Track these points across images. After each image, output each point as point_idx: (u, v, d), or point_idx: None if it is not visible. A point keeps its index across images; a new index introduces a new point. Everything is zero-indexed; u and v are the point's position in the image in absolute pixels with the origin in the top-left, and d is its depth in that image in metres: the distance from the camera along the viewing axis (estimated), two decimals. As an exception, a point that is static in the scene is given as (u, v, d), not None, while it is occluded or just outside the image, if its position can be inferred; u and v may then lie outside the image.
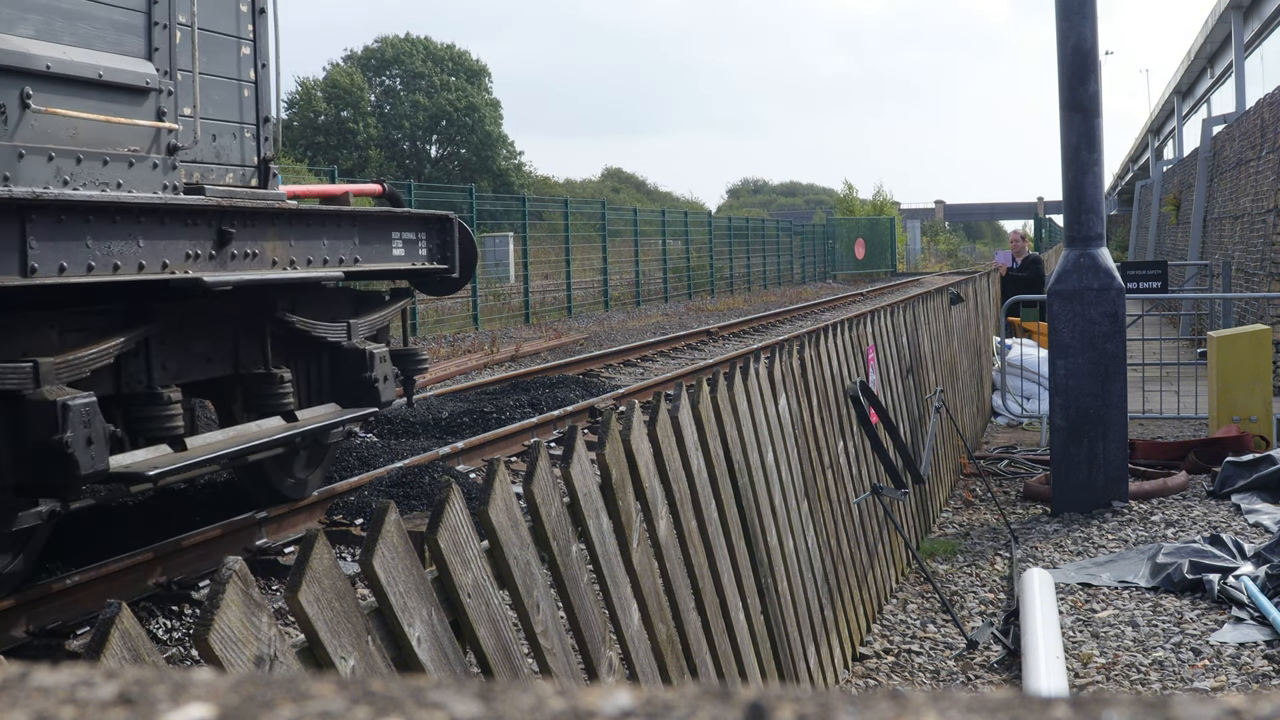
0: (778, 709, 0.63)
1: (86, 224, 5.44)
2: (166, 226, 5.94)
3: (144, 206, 5.80)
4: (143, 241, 5.77)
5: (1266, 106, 18.23)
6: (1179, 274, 20.09)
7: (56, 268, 5.26)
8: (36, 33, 5.81)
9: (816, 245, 51.54)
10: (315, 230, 7.11)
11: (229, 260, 6.34)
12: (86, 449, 5.44)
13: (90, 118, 6.06)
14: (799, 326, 23.98)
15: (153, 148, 6.53)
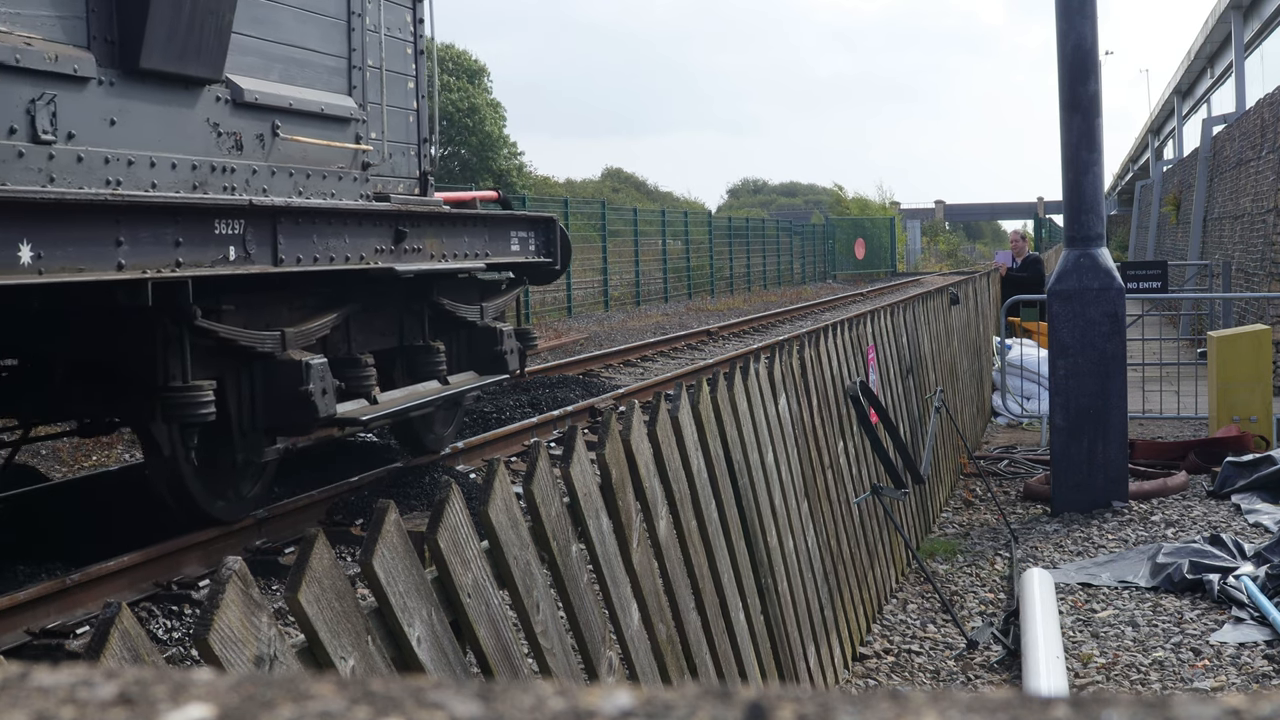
0: (778, 709, 0.63)
1: (313, 225, 6.99)
2: (363, 227, 7.51)
3: (349, 211, 7.40)
4: (348, 239, 7.34)
5: (1266, 106, 18.23)
6: (1179, 274, 20.09)
7: (295, 259, 6.80)
8: (281, 78, 7.49)
9: (816, 245, 51.53)
10: (460, 230, 8.73)
11: (404, 254, 7.91)
12: (323, 398, 7.03)
13: (315, 142, 7.76)
14: (799, 326, 23.97)
15: (353, 165, 8.21)
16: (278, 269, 6.64)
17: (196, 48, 6.55)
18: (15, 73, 5.60)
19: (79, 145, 5.95)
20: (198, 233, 6.12)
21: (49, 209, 5.27)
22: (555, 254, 10.03)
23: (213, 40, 6.65)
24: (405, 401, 8.03)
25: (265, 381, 7.03)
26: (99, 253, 5.52)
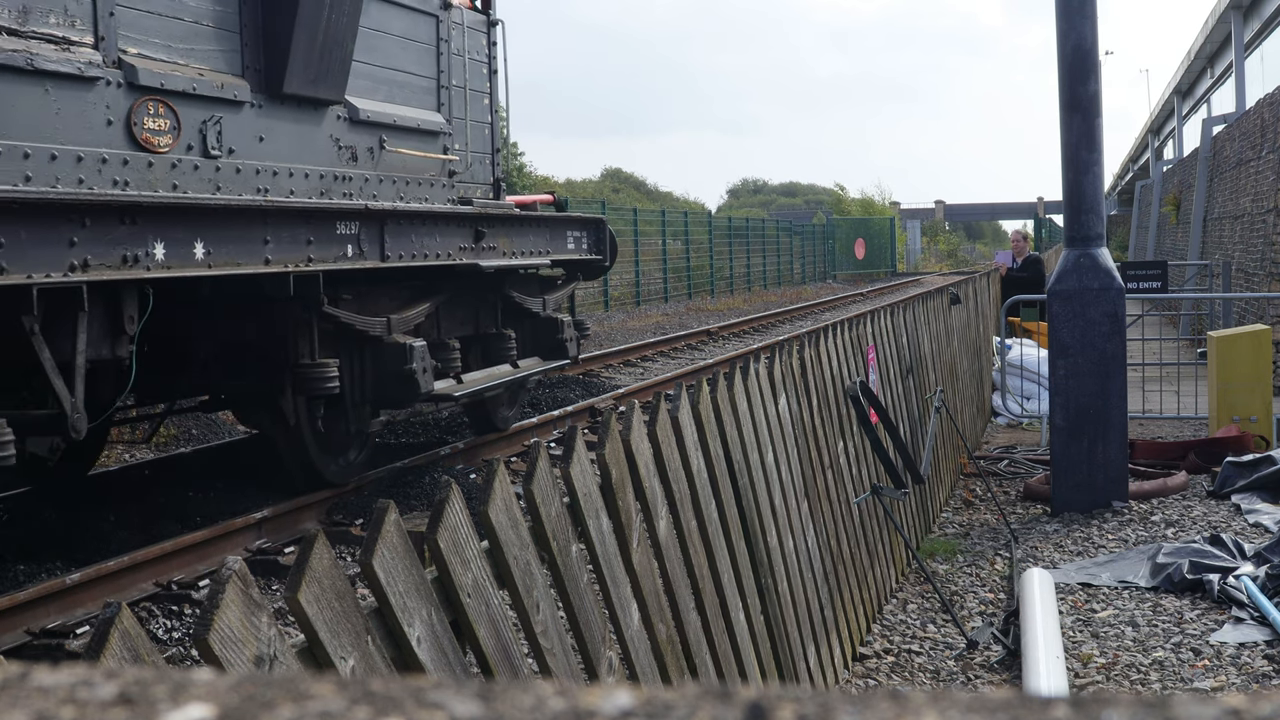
0: (778, 709, 0.63)
1: (412, 226, 8.05)
2: (450, 228, 8.56)
3: (440, 214, 8.47)
4: (439, 238, 8.39)
5: (1266, 106, 18.23)
6: (1179, 274, 20.09)
7: (398, 255, 7.89)
8: (385, 98, 8.58)
9: (816, 245, 51.52)
10: (527, 230, 9.80)
11: (482, 251, 8.96)
12: (423, 376, 8.05)
13: (413, 154, 8.84)
14: (799, 326, 23.97)
15: (441, 173, 9.27)
16: (384, 264, 7.74)
17: (325, 74, 7.65)
18: (193, 99, 6.73)
19: (237, 159, 7.07)
20: (324, 232, 7.19)
21: (217, 213, 6.33)
22: (604, 251, 11.15)
23: (337, 67, 7.76)
24: (484, 382, 9.14)
25: (374, 361, 8.09)
26: (251, 250, 6.56)
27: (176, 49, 6.68)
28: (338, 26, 7.61)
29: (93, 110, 6.12)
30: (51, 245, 5.39)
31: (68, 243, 5.47)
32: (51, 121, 5.88)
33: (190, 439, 10.90)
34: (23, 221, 5.25)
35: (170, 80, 6.55)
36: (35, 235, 5.29)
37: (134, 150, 6.34)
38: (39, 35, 5.84)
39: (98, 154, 6.11)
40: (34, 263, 5.28)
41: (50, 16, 5.90)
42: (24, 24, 5.76)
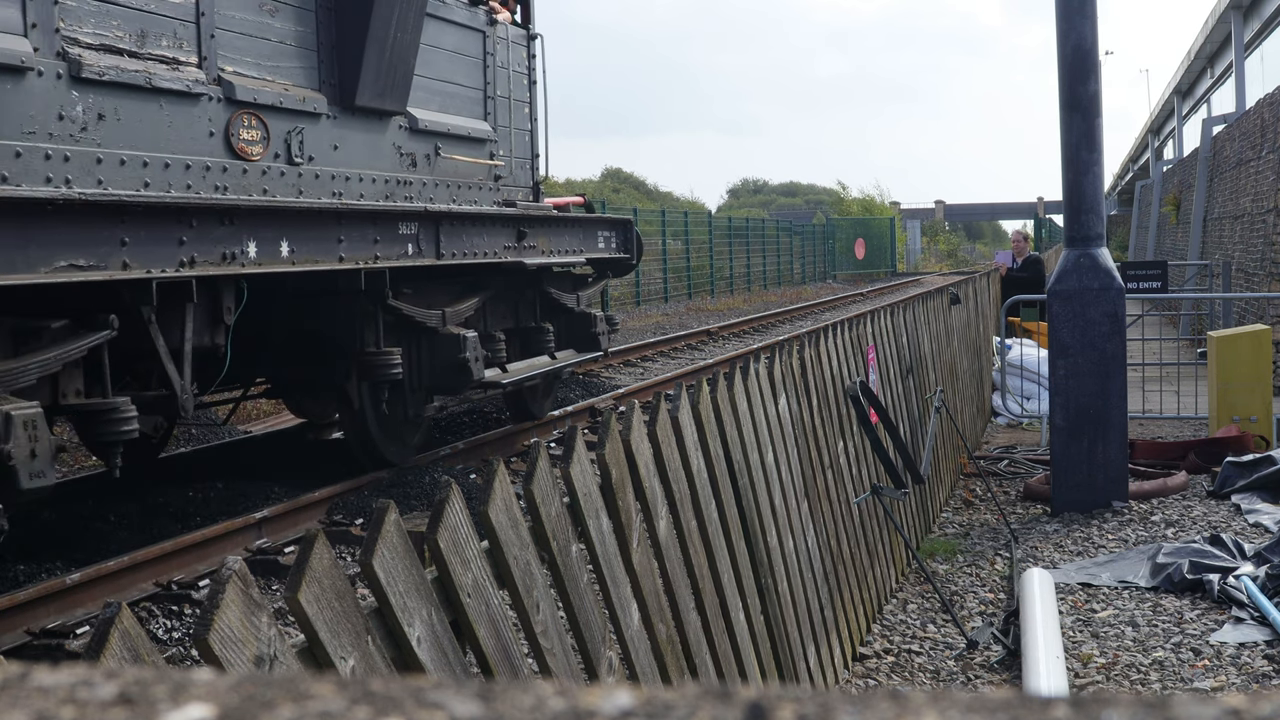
0: (778, 709, 0.63)
1: (464, 227, 8.79)
2: (496, 228, 9.31)
3: (488, 215, 9.19)
4: (486, 237, 9.12)
5: (1266, 106, 18.23)
6: (1179, 274, 20.08)
7: (451, 253, 8.62)
8: (439, 108, 9.29)
9: (816, 245, 51.50)
10: (563, 230, 10.51)
11: (524, 250, 9.67)
12: (475, 364, 8.72)
13: (464, 159, 9.57)
14: (799, 326, 23.96)
15: (488, 178, 9.97)
16: (440, 261, 8.47)
17: (391, 87, 8.33)
18: (280, 111, 7.43)
19: (315, 165, 7.77)
20: (389, 232, 7.92)
21: (299, 215, 7.06)
22: (632, 250, 11.86)
23: (401, 81, 8.44)
24: (526, 372, 9.83)
25: (431, 350, 8.73)
26: (327, 248, 7.28)
27: (265, 66, 7.42)
28: (402, 44, 8.34)
29: (197, 123, 6.84)
30: (165, 244, 6.07)
31: (178, 241, 6.15)
32: (165, 133, 6.58)
33: (190, 439, 10.90)
34: (143, 223, 5.92)
35: (261, 95, 7.26)
36: (153, 234, 5.97)
37: (231, 158, 7.04)
38: (154, 56, 6.54)
39: (202, 162, 6.82)
40: (152, 259, 5.96)
41: (162, 40, 6.62)
42: (142, 47, 6.47)
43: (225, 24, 7.06)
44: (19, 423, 5.13)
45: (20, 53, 5.68)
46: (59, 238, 5.45)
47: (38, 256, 5.33)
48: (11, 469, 5.08)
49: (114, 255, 5.73)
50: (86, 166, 6.03)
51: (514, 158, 10.56)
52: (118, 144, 6.24)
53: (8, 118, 5.64)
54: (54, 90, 5.89)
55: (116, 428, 5.90)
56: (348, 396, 8.38)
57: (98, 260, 5.64)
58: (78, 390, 5.97)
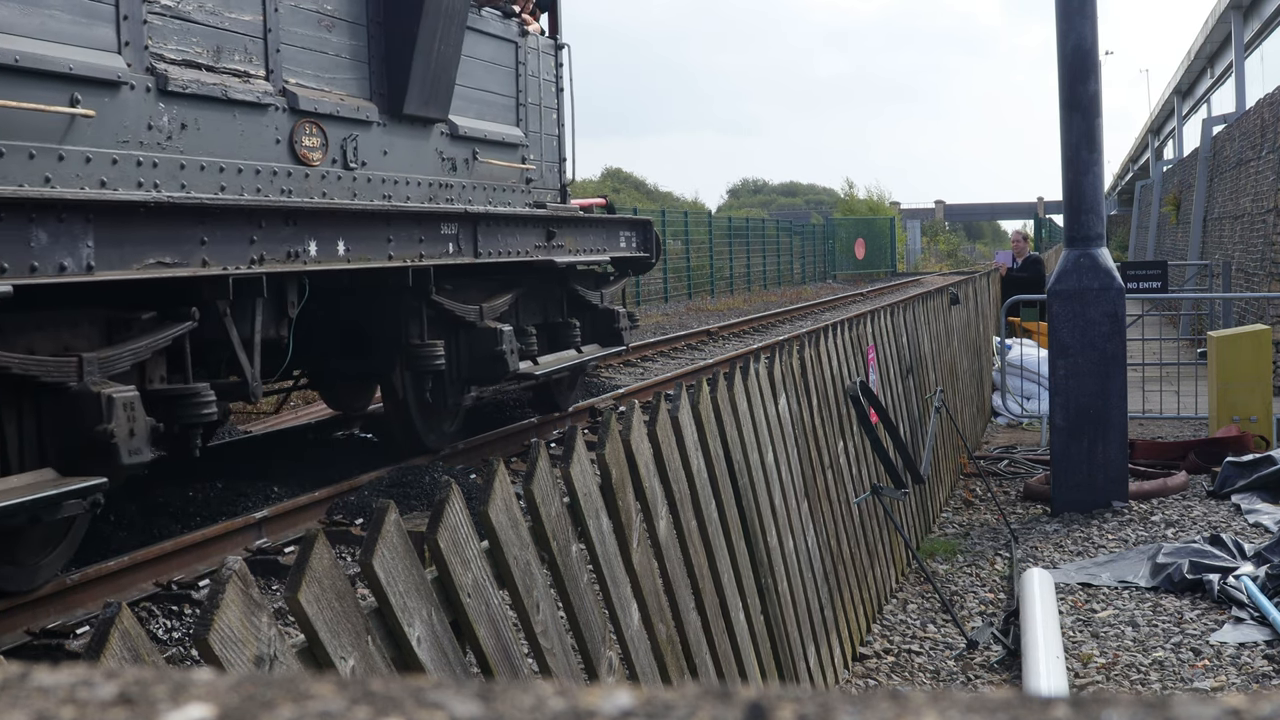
0: (778, 709, 0.63)
1: (499, 227, 9.37)
2: (528, 228, 9.88)
3: (520, 216, 9.80)
4: (519, 237, 9.68)
5: (1266, 106, 18.23)
6: (1179, 274, 20.08)
7: (487, 252, 9.17)
8: (476, 116, 9.89)
9: (816, 245, 51.49)
10: (588, 230, 11.07)
11: (554, 249, 10.24)
12: (511, 356, 9.27)
13: (498, 164, 10.19)
14: (799, 326, 23.96)
15: (520, 180, 10.60)
16: (477, 260, 9.04)
17: (435, 96, 8.92)
18: (337, 120, 8.02)
19: (368, 170, 8.35)
20: (432, 232, 8.46)
21: (354, 216, 7.60)
22: (651, 249, 12.39)
23: (444, 90, 9.04)
24: (556, 364, 10.38)
25: (470, 343, 9.28)
26: (378, 247, 7.82)
27: (323, 78, 7.99)
28: (445, 56, 8.91)
29: (265, 131, 7.40)
30: (239, 243, 6.56)
31: (249, 240, 6.65)
32: (238, 141, 7.15)
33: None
34: (220, 224, 6.42)
35: (320, 105, 7.87)
36: (228, 234, 6.48)
37: (294, 164, 7.62)
38: (228, 70, 7.12)
39: (269, 167, 7.39)
40: (227, 257, 6.47)
41: (235, 55, 7.20)
42: (217, 61, 7.05)
43: (289, 39, 7.63)
44: (119, 404, 5.65)
45: (116, 69, 6.22)
46: (149, 237, 5.95)
47: (131, 254, 5.83)
48: (113, 446, 5.59)
49: (195, 253, 6.26)
50: (172, 172, 6.59)
51: (543, 161, 11.21)
52: (198, 151, 6.83)
53: (106, 128, 6.18)
54: (144, 102, 6.45)
55: (198, 411, 6.36)
56: (392, 386, 9.04)
57: (181, 258, 6.15)
58: (161, 376, 6.42)
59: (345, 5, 8.21)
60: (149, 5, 6.46)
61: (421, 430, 9.28)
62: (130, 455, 5.70)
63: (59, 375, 5.58)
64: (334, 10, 8.09)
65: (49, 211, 5.36)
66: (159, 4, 6.55)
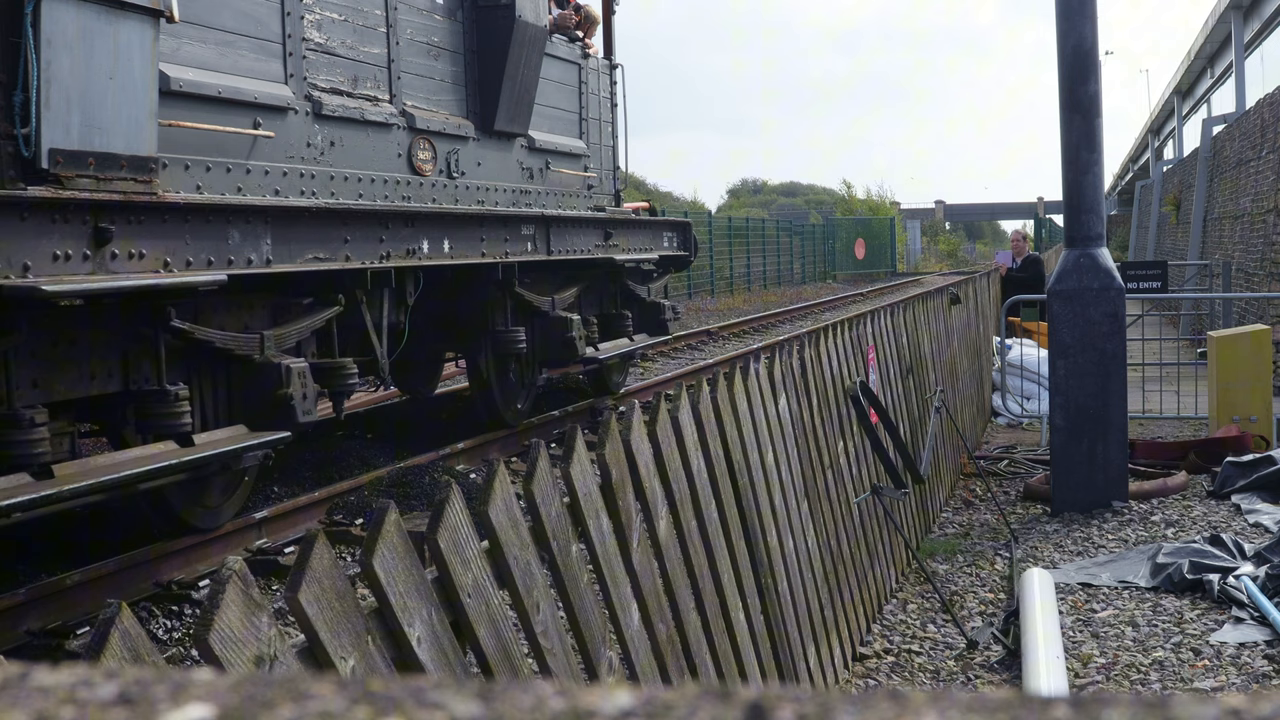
0: (778, 709, 0.63)
1: (567, 229, 10.59)
2: (589, 229, 11.12)
3: (584, 219, 11.06)
4: (582, 237, 10.91)
5: (1266, 106, 18.23)
6: (1179, 274, 20.07)
7: (558, 250, 10.35)
8: (548, 130, 11.13)
9: (816, 245, 51.48)
10: (638, 231, 12.39)
11: (610, 248, 11.42)
12: (580, 342, 10.44)
13: (566, 172, 11.48)
14: (799, 326, 23.95)
15: (583, 187, 11.90)
16: (550, 257, 10.18)
17: (518, 114, 10.19)
18: (443, 136, 9.21)
19: (466, 179, 9.58)
20: (514, 233, 9.62)
21: (456, 219, 8.79)
22: (689, 248, 13.58)
23: (525, 109, 10.33)
24: (614, 350, 11.59)
25: (544, 329, 10.42)
26: (473, 246, 8.98)
27: (432, 100, 9.21)
28: (527, 78, 10.22)
29: (390, 147, 8.59)
30: (371, 242, 7.68)
31: (379, 240, 7.77)
32: (370, 155, 8.33)
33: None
34: (358, 225, 7.55)
35: (431, 123, 9.07)
36: (364, 235, 7.62)
37: (411, 174, 8.83)
38: (363, 96, 8.32)
39: (393, 177, 8.58)
40: (364, 253, 7.59)
41: (367, 83, 8.41)
42: (355, 88, 8.25)
43: (406, 68, 8.88)
44: (295, 373, 6.84)
45: (285, 97, 7.44)
46: (308, 236, 7.05)
47: (295, 250, 6.93)
48: (291, 407, 6.78)
49: (340, 250, 7.37)
50: (324, 182, 7.80)
51: (601, 170, 12.51)
52: (342, 164, 8.04)
53: (278, 146, 7.36)
54: (304, 124, 7.66)
55: (344, 381, 7.55)
56: (477, 366, 10.23)
57: (330, 254, 7.27)
58: (312, 352, 7.53)
59: (449, 37, 9.54)
60: (306, 43, 7.69)
61: (501, 406, 10.46)
62: (304, 415, 6.88)
63: (247, 349, 6.72)
64: (440, 42, 9.40)
65: (240, 215, 6.46)
66: (313, 42, 7.78)
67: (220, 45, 6.89)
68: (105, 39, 5.60)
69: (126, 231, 5.66)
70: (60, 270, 5.28)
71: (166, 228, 5.92)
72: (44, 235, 5.21)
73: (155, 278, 5.78)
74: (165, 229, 5.91)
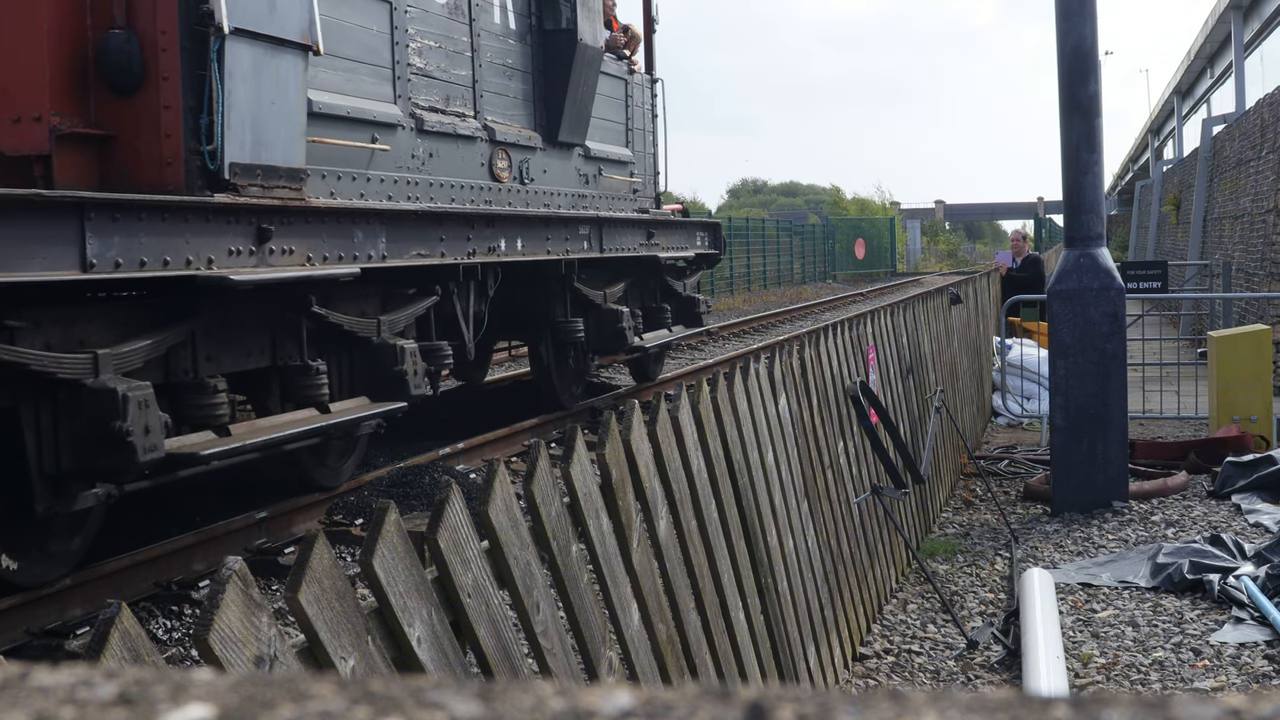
0: (778, 709, 0.63)
1: (617, 229, 11.78)
2: (635, 230, 12.31)
3: (631, 220, 12.27)
4: (628, 237, 12.07)
5: (1266, 106, 18.23)
6: (1179, 274, 20.07)
7: (609, 249, 11.47)
8: (600, 140, 12.09)
9: (816, 245, 51.48)
10: (675, 231, 13.57)
11: (653, 247, 12.59)
12: (629, 332, 11.52)
13: (615, 178, 12.53)
14: (799, 326, 23.95)
15: (629, 192, 12.93)
16: (602, 255, 11.28)
17: (578, 127, 11.27)
18: (517, 147, 10.30)
19: (534, 186, 10.60)
20: (573, 233, 10.76)
21: (527, 220, 9.94)
22: (719, 247, 14.75)
23: (583, 122, 11.41)
24: (656, 340, 12.67)
25: (597, 321, 11.37)
26: (540, 244, 10.07)
27: (507, 115, 10.30)
28: (585, 95, 11.28)
29: (475, 157, 9.66)
30: (460, 240, 8.76)
31: (466, 239, 8.85)
32: (460, 165, 9.35)
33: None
34: (450, 226, 8.63)
35: (507, 136, 10.12)
36: (455, 234, 8.69)
37: (491, 182, 9.84)
38: (453, 113, 9.38)
39: (477, 184, 9.61)
40: (455, 251, 8.67)
41: (456, 101, 9.46)
42: (447, 106, 9.30)
43: (487, 88, 9.98)
44: (408, 352, 7.98)
45: (394, 115, 8.47)
46: (412, 235, 8.16)
47: (403, 248, 8.01)
48: (405, 381, 7.87)
49: (437, 248, 8.43)
50: (424, 189, 8.81)
51: (645, 175, 13.61)
52: (438, 173, 9.02)
53: (390, 158, 8.39)
54: (409, 138, 8.67)
55: (441, 361, 8.70)
56: (539, 353, 11.42)
57: (429, 251, 8.33)
58: (413, 336, 8.48)
59: (521, 60, 10.68)
60: (409, 68, 8.72)
61: (559, 390, 11.57)
62: (415, 388, 7.96)
63: (367, 332, 7.85)
64: (513, 64, 10.55)
65: (363, 217, 7.56)
66: (415, 66, 8.82)
67: (346, 72, 7.96)
68: (270, 70, 6.72)
69: (282, 231, 6.74)
70: (233, 264, 6.31)
71: (310, 228, 7.04)
72: (223, 234, 6.27)
73: (306, 270, 6.90)
74: (309, 229, 7.04)
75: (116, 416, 5.59)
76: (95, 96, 6.25)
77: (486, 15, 10.05)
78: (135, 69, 6.20)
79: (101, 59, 6.20)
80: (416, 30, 8.88)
